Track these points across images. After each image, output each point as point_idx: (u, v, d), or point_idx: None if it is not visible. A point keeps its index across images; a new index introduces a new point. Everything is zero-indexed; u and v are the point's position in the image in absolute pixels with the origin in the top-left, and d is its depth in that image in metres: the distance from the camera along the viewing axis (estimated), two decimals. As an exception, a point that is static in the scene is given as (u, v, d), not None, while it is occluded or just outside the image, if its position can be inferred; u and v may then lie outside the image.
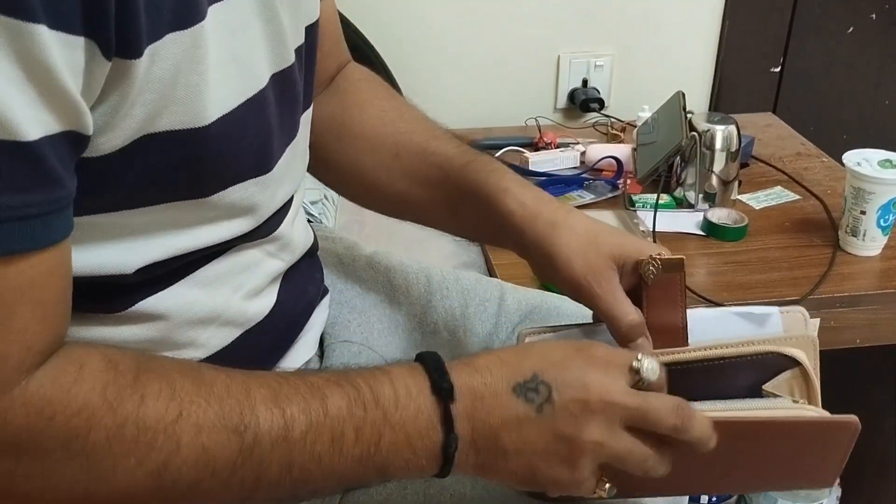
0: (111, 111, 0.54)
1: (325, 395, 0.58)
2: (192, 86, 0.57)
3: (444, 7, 1.75)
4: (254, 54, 0.64)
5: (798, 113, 1.90)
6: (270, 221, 0.72)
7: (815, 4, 1.87)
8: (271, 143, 0.68)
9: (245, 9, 0.63)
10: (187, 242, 0.64)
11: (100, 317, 0.63)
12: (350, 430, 0.58)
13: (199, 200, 0.63)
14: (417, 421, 0.59)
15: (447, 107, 1.82)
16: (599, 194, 1.50)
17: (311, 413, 0.57)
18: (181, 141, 0.58)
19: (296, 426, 0.56)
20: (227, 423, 0.55)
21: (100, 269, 0.61)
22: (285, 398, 0.57)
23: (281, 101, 0.69)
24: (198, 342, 0.69)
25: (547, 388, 0.61)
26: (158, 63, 0.55)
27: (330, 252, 0.95)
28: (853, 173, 1.30)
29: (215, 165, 0.62)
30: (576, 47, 1.82)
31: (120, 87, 0.53)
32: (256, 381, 0.58)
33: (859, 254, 1.34)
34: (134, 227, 0.61)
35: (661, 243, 1.29)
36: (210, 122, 0.59)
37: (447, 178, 0.82)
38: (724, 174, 1.43)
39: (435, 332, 0.90)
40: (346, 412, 0.58)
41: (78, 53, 0.50)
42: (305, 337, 0.82)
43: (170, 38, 0.55)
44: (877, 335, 1.31)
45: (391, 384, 0.60)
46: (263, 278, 0.74)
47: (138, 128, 0.56)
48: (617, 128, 1.74)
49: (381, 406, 0.59)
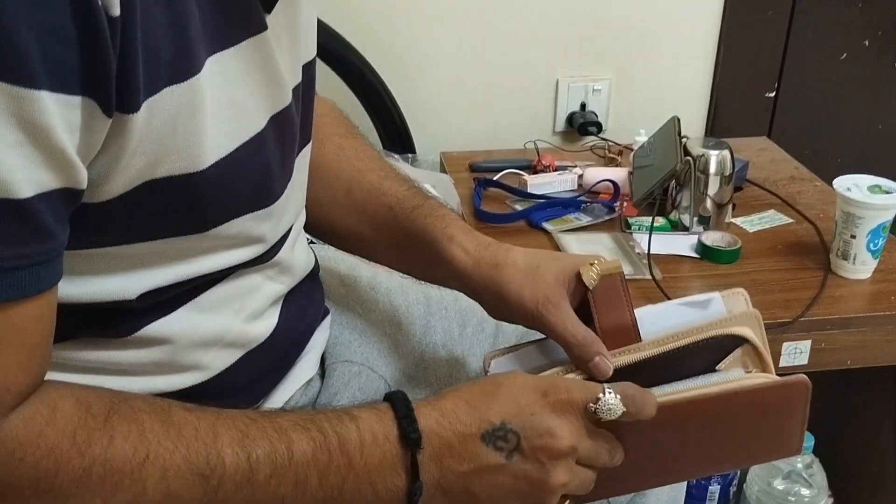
0: (112, 162, 0.56)
1: (292, 440, 0.60)
2: (191, 134, 0.60)
3: (444, 31, 1.78)
4: (252, 99, 0.66)
5: (793, 137, 1.93)
6: (272, 249, 0.74)
7: (809, 31, 1.90)
8: (271, 181, 0.70)
9: (243, 57, 0.64)
10: (188, 270, 0.67)
11: (107, 341, 0.66)
12: (314, 475, 0.60)
13: (199, 235, 0.65)
14: (382, 467, 0.62)
15: (447, 129, 1.85)
16: (596, 217, 1.52)
17: (276, 457, 0.59)
18: (180, 185, 0.61)
19: (261, 470, 0.58)
20: (194, 466, 0.57)
21: (102, 296, 0.63)
22: (252, 441, 0.59)
23: (281, 140, 0.71)
24: (201, 364, 0.71)
25: (515, 437, 0.64)
26: (157, 115, 0.57)
27: (332, 273, 0.97)
28: (843, 198, 1.32)
29: (213, 205, 0.64)
30: (574, 71, 1.86)
31: (119, 139, 0.56)
32: (225, 423, 0.59)
33: (850, 277, 1.37)
34: (135, 257, 0.63)
35: (656, 266, 1.33)
36: (207, 166, 0.62)
37: (396, 219, 0.85)
38: (719, 198, 1.46)
39: (434, 353, 0.93)
40: (311, 457, 0.60)
41: (76, 112, 0.52)
42: (307, 357, 0.84)
43: (168, 91, 0.57)
44: (867, 357, 1.33)
45: (357, 430, 0.62)
46: (264, 301, 0.76)
47: (138, 175, 0.58)
48: (614, 151, 1.77)
49: (346, 452, 0.61)
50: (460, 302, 0.98)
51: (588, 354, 0.73)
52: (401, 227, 0.85)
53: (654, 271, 1.33)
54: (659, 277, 1.32)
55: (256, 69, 0.66)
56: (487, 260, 0.79)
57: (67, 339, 0.65)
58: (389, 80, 1.71)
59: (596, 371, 0.72)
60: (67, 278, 0.60)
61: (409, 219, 0.84)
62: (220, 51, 0.62)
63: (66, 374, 0.63)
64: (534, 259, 0.78)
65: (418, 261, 0.85)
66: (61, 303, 0.60)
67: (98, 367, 0.66)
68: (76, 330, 0.64)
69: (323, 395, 0.84)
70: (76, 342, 0.65)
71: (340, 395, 0.84)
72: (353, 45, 1.67)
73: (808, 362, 1.31)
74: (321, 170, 0.89)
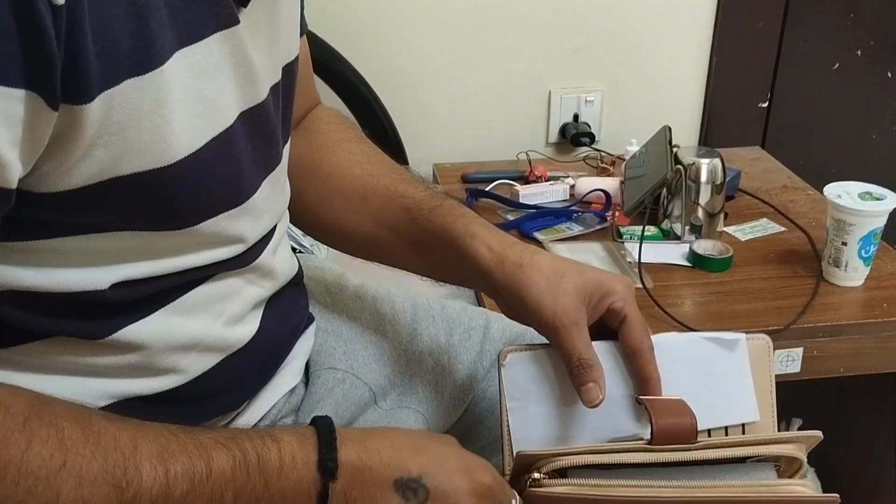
0: (67, 154, 0.56)
1: (211, 457, 0.60)
2: (157, 128, 0.59)
3: (436, 43, 1.79)
4: (221, 94, 0.66)
5: (786, 147, 1.94)
6: (252, 251, 0.74)
7: (802, 41, 1.91)
8: (242, 177, 0.70)
9: (213, 51, 0.64)
10: (164, 266, 0.66)
11: (84, 343, 0.65)
12: (229, 494, 0.60)
13: (174, 231, 0.65)
14: (296, 492, 0.62)
15: (440, 141, 1.85)
16: (588, 226, 1.52)
17: (194, 473, 0.58)
18: (148, 182, 0.60)
19: (177, 486, 0.58)
20: (111, 477, 0.56)
21: (73, 286, 0.62)
22: (171, 456, 0.58)
23: (253, 136, 0.70)
24: (179, 367, 0.71)
25: (425, 493, 0.64)
26: (118, 108, 0.56)
27: (318, 281, 0.97)
28: (834, 205, 1.32)
29: (185, 201, 0.64)
30: (566, 83, 1.86)
31: (72, 131, 0.55)
32: (145, 436, 0.59)
33: (842, 284, 1.36)
34: (108, 252, 0.63)
35: (647, 274, 1.33)
36: (175, 160, 0.61)
37: (414, 220, 0.84)
38: (710, 206, 1.46)
39: (420, 360, 0.92)
40: (230, 475, 0.60)
41: (17, 106, 0.51)
42: (291, 364, 0.84)
43: (129, 84, 0.57)
44: (860, 364, 1.33)
45: (279, 452, 0.62)
46: (244, 305, 0.75)
47: (101, 170, 0.58)
48: (607, 161, 1.77)
49: (263, 473, 0.61)
50: (447, 310, 0.98)
51: (584, 378, 0.72)
52: (420, 229, 0.84)
53: (646, 280, 1.33)
54: (650, 286, 1.32)
55: (227, 63, 0.66)
56: (512, 259, 0.77)
57: (42, 337, 0.64)
58: (381, 92, 1.71)
59: (584, 396, 0.72)
60: (37, 269, 0.60)
61: (428, 219, 0.83)
62: (190, 44, 0.62)
63: (41, 376, 0.64)
64: (559, 267, 0.77)
65: (439, 261, 0.84)
66: (34, 293, 0.60)
67: (73, 369, 0.66)
68: (52, 327, 0.64)
69: (306, 402, 0.84)
70: (52, 342, 0.65)
71: (324, 402, 0.83)
72: (344, 58, 1.67)
73: (801, 370, 1.31)
74: (334, 177, 0.89)
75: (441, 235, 0.81)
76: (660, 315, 1.27)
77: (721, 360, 0.76)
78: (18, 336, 0.64)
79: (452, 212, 0.82)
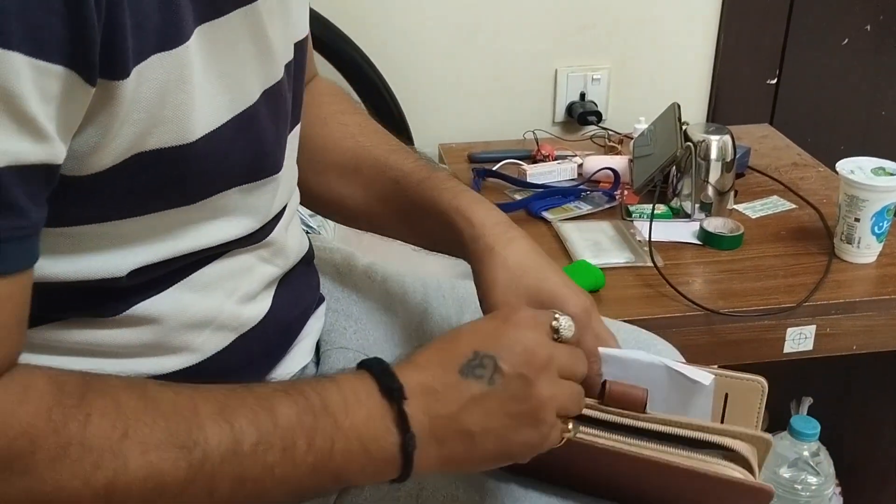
0: (102, 132, 0.55)
1: (274, 405, 0.58)
2: (179, 104, 0.59)
3: (441, 22, 1.77)
4: (244, 71, 0.65)
5: (795, 124, 1.92)
6: (266, 227, 0.73)
7: (810, 17, 1.89)
8: (265, 156, 0.69)
9: (234, 27, 0.64)
10: (179, 246, 0.65)
11: (95, 321, 0.64)
12: (301, 439, 0.58)
13: (188, 206, 0.64)
14: (369, 425, 0.60)
15: (445, 121, 1.84)
16: (596, 205, 1.51)
17: (259, 424, 0.57)
18: (169, 158, 0.59)
19: (245, 439, 0.56)
20: (175, 440, 0.55)
21: (91, 274, 0.61)
22: (233, 411, 0.57)
23: (274, 116, 0.70)
24: (192, 346, 0.70)
25: (492, 360, 0.63)
26: (145, 84, 0.56)
27: (327, 262, 0.96)
28: (847, 181, 1.31)
29: (201, 177, 0.63)
30: (573, 61, 1.84)
31: (108, 107, 0.54)
32: (203, 396, 0.57)
33: (854, 261, 1.35)
34: (124, 235, 0.62)
35: (657, 253, 1.32)
36: (196, 138, 0.61)
37: (403, 192, 0.84)
38: (720, 184, 1.44)
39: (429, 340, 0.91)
40: (296, 421, 0.58)
41: (54, 82, 0.50)
42: (301, 344, 0.83)
43: (155, 59, 0.56)
44: (873, 342, 1.32)
45: (339, 390, 0.60)
46: (257, 283, 0.75)
47: (128, 147, 0.57)
48: (614, 140, 1.76)
49: (330, 412, 0.59)
50: (458, 289, 0.97)
51: None
52: (408, 200, 0.84)
53: (656, 258, 1.32)
54: (661, 265, 1.31)
55: (247, 41, 0.65)
56: (486, 240, 0.77)
57: (55, 320, 0.63)
58: (386, 71, 1.70)
59: None
60: (55, 258, 0.58)
61: (416, 191, 0.83)
62: (210, 20, 0.61)
63: (54, 357, 0.63)
64: (525, 264, 0.76)
65: (427, 232, 0.85)
66: (49, 283, 0.58)
67: (86, 349, 0.65)
68: (64, 311, 0.63)
69: (318, 382, 0.83)
70: (64, 323, 0.64)
71: (335, 382, 0.82)
72: (349, 37, 1.65)
73: (813, 348, 1.30)
74: (328, 150, 0.88)
75: (427, 208, 0.82)
76: (671, 294, 1.26)
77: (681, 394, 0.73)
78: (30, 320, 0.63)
79: (440, 185, 0.82)
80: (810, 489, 1.40)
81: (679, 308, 1.25)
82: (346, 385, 0.61)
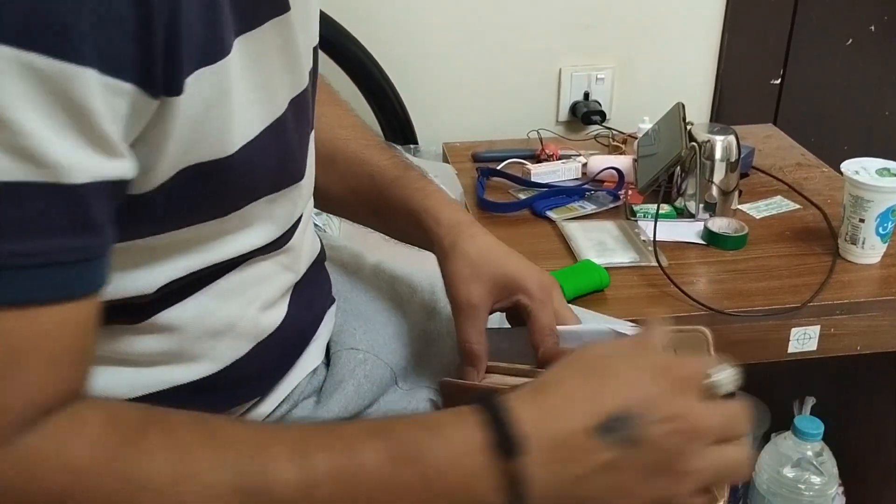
0: (154, 150, 0.54)
1: (357, 450, 0.53)
2: (221, 118, 0.58)
3: (446, 21, 1.77)
4: (274, 81, 0.65)
5: (799, 124, 1.92)
6: (286, 234, 0.73)
7: (814, 17, 1.89)
8: (289, 164, 0.70)
9: (267, 38, 0.63)
10: (207, 258, 0.65)
11: (117, 328, 0.64)
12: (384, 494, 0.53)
13: (219, 219, 0.64)
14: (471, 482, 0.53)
15: (449, 120, 1.84)
16: (601, 205, 1.51)
17: (339, 471, 0.52)
18: (208, 171, 0.59)
19: (319, 488, 0.51)
20: (240, 484, 0.51)
21: (121, 293, 0.60)
22: (307, 455, 0.52)
23: (298, 124, 0.70)
24: (212, 354, 0.70)
25: (634, 424, 0.55)
26: (191, 99, 0.55)
27: (335, 260, 0.96)
28: (851, 182, 1.31)
29: (236, 191, 0.63)
30: (577, 61, 1.84)
31: (160, 124, 0.54)
32: (275, 436, 0.54)
33: (859, 261, 1.35)
34: (156, 250, 0.61)
35: (662, 252, 1.32)
36: (234, 150, 0.60)
37: (377, 188, 0.88)
38: (724, 184, 1.44)
39: (439, 339, 0.91)
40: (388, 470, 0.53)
41: (122, 99, 0.49)
42: (313, 345, 0.83)
43: (201, 73, 0.55)
44: (877, 342, 1.32)
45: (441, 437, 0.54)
46: (276, 290, 0.75)
47: (174, 163, 0.56)
48: (618, 139, 1.76)
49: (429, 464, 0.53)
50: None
51: (464, 361, 0.78)
52: (381, 197, 0.87)
53: (661, 258, 1.32)
54: (665, 264, 1.31)
55: (279, 51, 0.65)
56: (450, 238, 0.82)
57: None
58: (391, 70, 1.70)
59: None
60: None
61: (389, 189, 0.87)
62: (247, 32, 0.61)
63: None
64: (487, 255, 0.80)
65: (397, 228, 0.90)
66: None
67: (106, 360, 0.64)
68: None
69: (328, 383, 0.83)
70: None
71: (346, 383, 0.82)
72: (354, 36, 1.65)
73: (818, 348, 1.30)
74: None
75: (399, 206, 0.86)
76: (675, 293, 1.26)
77: None
78: None
79: (412, 184, 0.86)
80: (814, 489, 1.40)
81: (684, 308, 1.25)
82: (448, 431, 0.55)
